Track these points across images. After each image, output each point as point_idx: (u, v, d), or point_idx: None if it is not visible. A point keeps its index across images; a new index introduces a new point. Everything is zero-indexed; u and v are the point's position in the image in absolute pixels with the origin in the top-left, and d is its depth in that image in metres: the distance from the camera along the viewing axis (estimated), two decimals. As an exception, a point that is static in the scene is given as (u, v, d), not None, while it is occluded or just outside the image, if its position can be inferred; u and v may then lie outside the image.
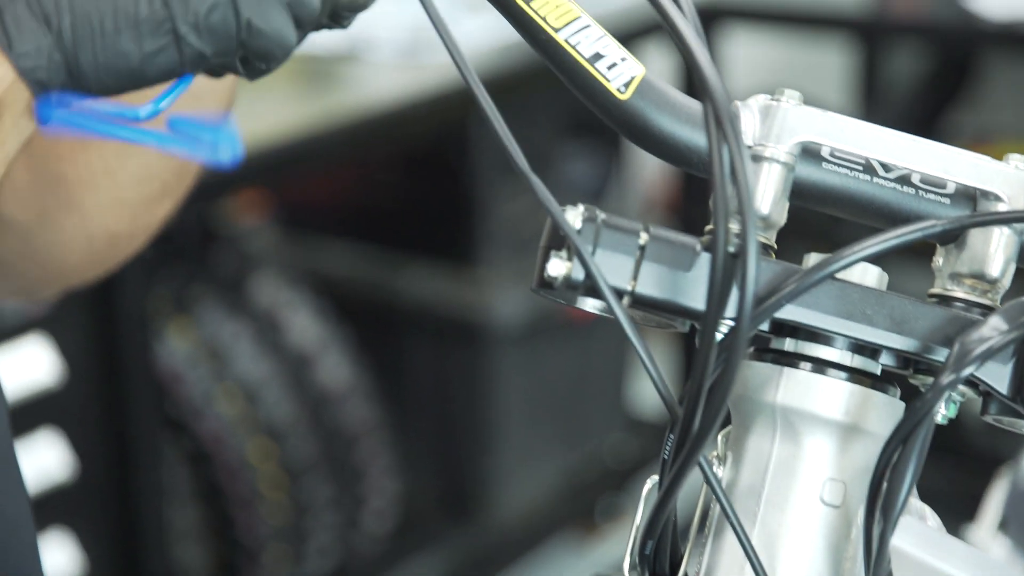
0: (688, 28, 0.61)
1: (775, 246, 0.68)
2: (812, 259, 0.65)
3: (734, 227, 0.59)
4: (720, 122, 0.58)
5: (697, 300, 0.63)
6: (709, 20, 2.61)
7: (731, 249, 0.59)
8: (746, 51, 2.90)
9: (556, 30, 0.66)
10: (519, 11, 0.67)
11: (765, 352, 0.67)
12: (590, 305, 0.67)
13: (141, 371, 1.82)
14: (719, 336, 0.59)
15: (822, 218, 0.72)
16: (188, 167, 0.89)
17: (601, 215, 0.63)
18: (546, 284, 0.63)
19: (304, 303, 2.35)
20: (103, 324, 1.76)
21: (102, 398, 1.77)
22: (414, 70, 2.21)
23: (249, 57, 0.64)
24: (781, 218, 0.68)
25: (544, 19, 0.66)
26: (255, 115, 1.96)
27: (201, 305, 2.24)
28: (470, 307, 2.46)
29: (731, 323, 0.59)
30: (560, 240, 0.62)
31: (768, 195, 0.67)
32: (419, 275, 2.50)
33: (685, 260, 0.63)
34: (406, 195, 2.57)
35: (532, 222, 2.49)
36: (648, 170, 3.07)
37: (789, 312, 0.64)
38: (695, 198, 2.61)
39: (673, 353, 2.78)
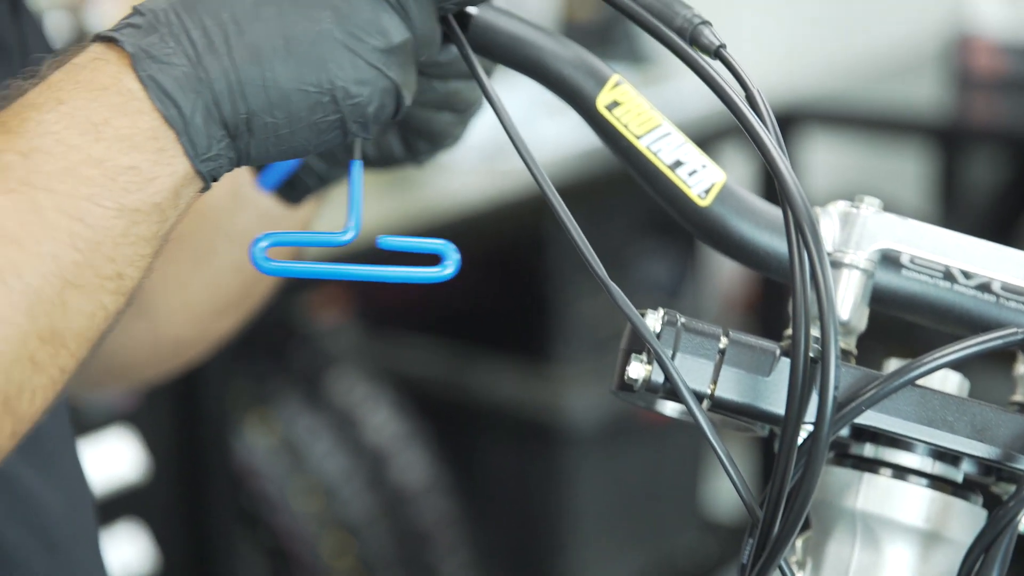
0: (769, 136, 0.62)
1: (855, 351, 0.68)
2: (892, 365, 0.66)
3: (814, 332, 0.60)
4: (801, 229, 0.59)
5: (777, 405, 0.63)
6: (788, 123, 2.62)
7: (811, 355, 0.60)
8: (824, 155, 2.91)
9: (638, 137, 0.67)
10: (601, 118, 0.68)
11: (845, 457, 0.67)
12: (669, 408, 0.68)
13: (221, 465, 1.84)
14: (799, 440, 0.60)
15: (901, 322, 0.73)
16: (257, 284, 0.91)
17: (681, 319, 0.64)
18: (626, 387, 0.64)
19: (382, 400, 2.36)
20: (185, 418, 1.78)
21: (184, 491, 1.79)
22: (493, 175, 2.23)
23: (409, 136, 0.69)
24: (861, 324, 0.68)
25: (626, 126, 0.67)
26: (337, 216, 1.99)
27: (280, 400, 2.26)
28: (546, 406, 2.46)
29: (811, 428, 0.60)
30: (640, 343, 0.63)
31: (848, 301, 0.68)
32: (496, 373, 2.51)
33: (765, 365, 0.64)
34: (484, 294, 2.58)
35: (608, 321, 2.49)
36: (725, 269, 3.07)
37: (869, 418, 0.64)
38: (773, 299, 2.60)
39: (751, 455, 2.76)
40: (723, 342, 0.64)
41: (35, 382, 0.59)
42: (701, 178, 0.68)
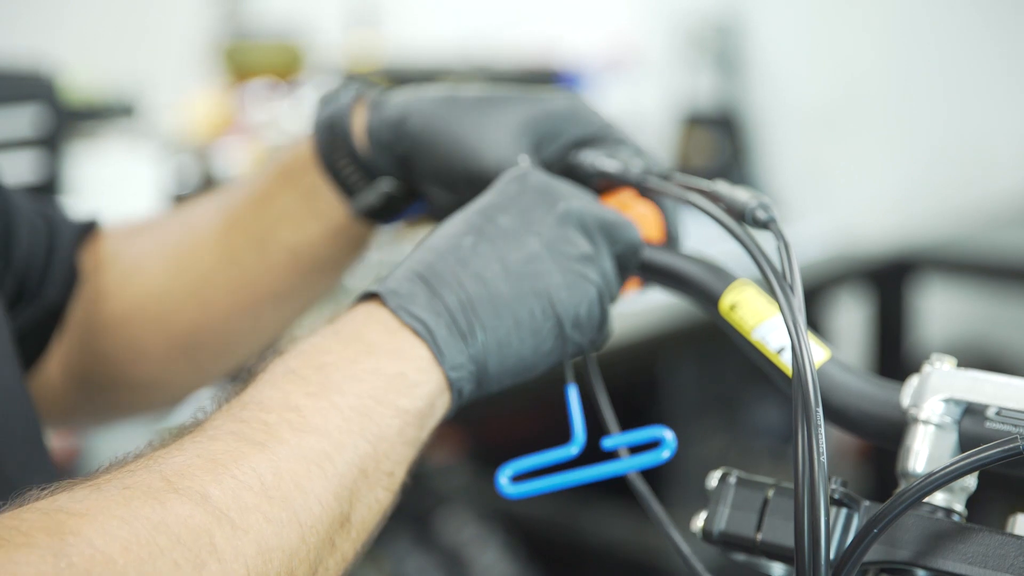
0: (790, 297, 0.70)
1: (955, 508, 0.68)
2: (1018, 521, 0.66)
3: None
4: (804, 385, 0.67)
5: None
6: (905, 270, 2.61)
7: (839, 498, 0.67)
8: (943, 302, 2.89)
9: (750, 330, 0.78)
10: (722, 319, 0.80)
11: None
12: (777, 570, 0.72)
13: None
14: None
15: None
16: (312, 275, 0.96)
17: (735, 476, 0.72)
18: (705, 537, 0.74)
19: (491, 539, 2.36)
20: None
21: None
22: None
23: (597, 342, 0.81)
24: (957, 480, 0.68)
25: (741, 321, 0.78)
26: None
27: (389, 539, 2.27)
28: (657, 549, 2.44)
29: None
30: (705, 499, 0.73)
31: (922, 455, 0.70)
32: (607, 515, 2.50)
33: None
34: (596, 436, 2.58)
35: (720, 465, 2.47)
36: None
37: (945, 564, 0.65)
38: (884, 450, 2.57)
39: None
40: (769, 494, 0.70)
41: (328, 564, 0.67)
42: None
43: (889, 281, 2.62)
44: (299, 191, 0.92)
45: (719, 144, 3.06)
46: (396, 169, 0.89)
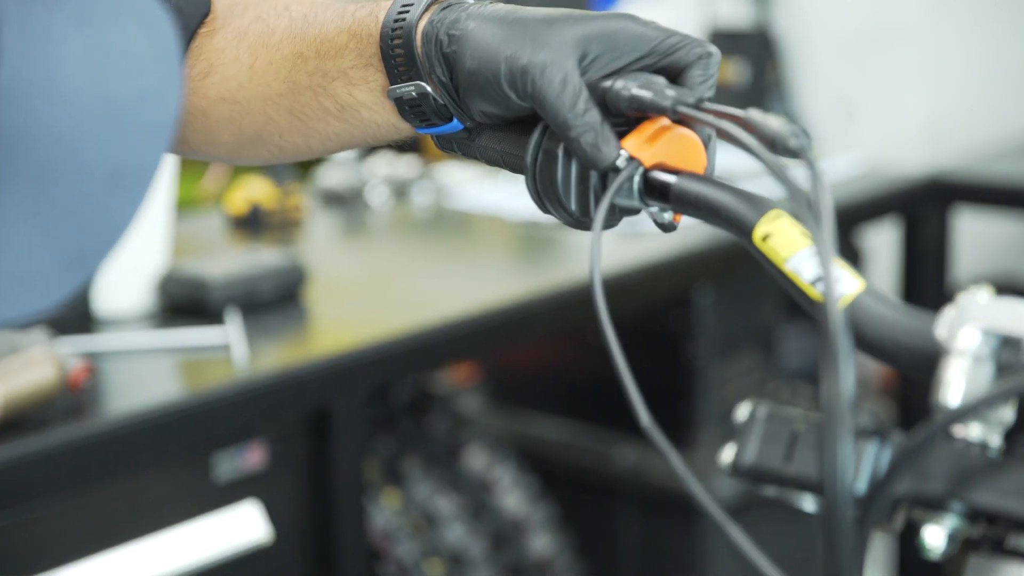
0: (823, 226, 0.67)
1: (991, 442, 0.67)
2: None
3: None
4: (831, 309, 0.64)
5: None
6: (937, 201, 2.58)
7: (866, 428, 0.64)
8: (974, 232, 2.87)
9: (784, 261, 0.77)
10: (756, 249, 0.78)
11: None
12: (808, 504, 0.72)
13: (353, 538, 1.83)
14: None
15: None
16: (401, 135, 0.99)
17: (764, 408, 0.70)
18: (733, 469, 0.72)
19: (514, 474, 2.36)
20: (316, 490, 1.77)
21: (314, 560, 1.79)
22: (637, 238, 2.22)
23: None
24: (993, 413, 0.68)
25: (776, 252, 0.77)
26: (481, 282, 2.00)
27: (412, 474, 2.27)
28: (670, 479, 2.43)
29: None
30: (733, 431, 0.71)
31: (956, 386, 0.68)
32: (633, 448, 2.49)
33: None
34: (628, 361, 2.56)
35: (750, 393, 2.46)
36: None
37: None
38: (911, 383, 2.56)
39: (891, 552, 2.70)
40: (799, 426, 0.69)
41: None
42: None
43: (922, 211, 2.59)
44: (360, 59, 0.95)
45: (748, 71, 3.03)
46: (442, 73, 0.91)
